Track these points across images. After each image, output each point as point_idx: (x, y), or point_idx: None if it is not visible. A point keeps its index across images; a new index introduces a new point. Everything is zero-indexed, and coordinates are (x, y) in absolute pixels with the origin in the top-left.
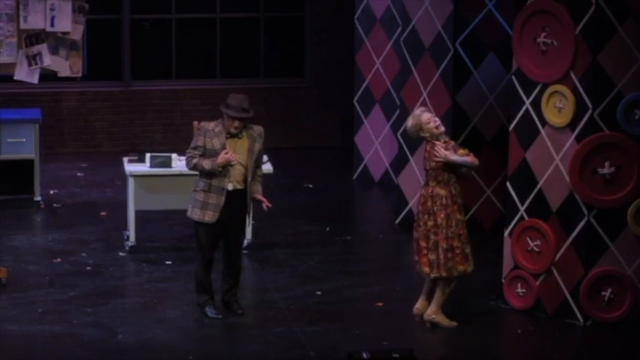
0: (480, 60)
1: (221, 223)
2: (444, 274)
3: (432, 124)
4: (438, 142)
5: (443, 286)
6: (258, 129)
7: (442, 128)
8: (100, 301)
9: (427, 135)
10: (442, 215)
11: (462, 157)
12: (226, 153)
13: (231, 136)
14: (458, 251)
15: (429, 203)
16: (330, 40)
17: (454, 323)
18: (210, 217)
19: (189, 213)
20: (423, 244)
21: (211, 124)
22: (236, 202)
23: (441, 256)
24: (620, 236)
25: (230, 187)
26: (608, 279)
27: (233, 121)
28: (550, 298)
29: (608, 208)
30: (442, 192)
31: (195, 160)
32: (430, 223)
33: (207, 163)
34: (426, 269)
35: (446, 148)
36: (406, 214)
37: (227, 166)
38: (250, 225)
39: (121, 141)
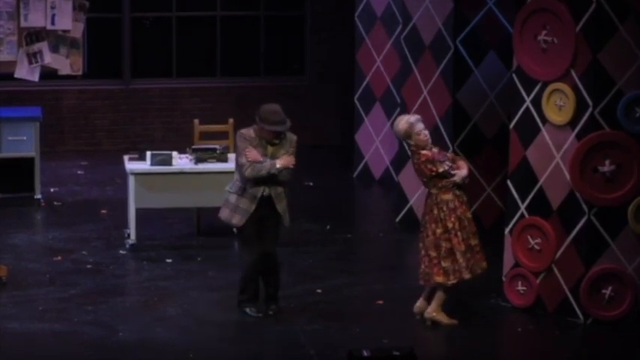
0: (481, 58)
1: (255, 224)
2: (467, 276)
3: (422, 137)
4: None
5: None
6: (290, 136)
7: (429, 141)
8: (101, 299)
9: (412, 143)
10: (452, 219)
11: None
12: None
13: (270, 144)
14: (477, 248)
15: (436, 211)
16: (331, 38)
17: (454, 321)
18: (237, 220)
19: (219, 212)
20: (433, 253)
21: (251, 133)
22: (268, 207)
23: (461, 260)
24: (620, 234)
25: (264, 193)
26: (608, 277)
27: (276, 134)
28: (550, 296)
29: (608, 207)
30: (447, 197)
31: (258, 166)
32: (439, 231)
33: (267, 167)
34: (440, 278)
35: (433, 155)
36: (406, 213)
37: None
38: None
39: (122, 139)
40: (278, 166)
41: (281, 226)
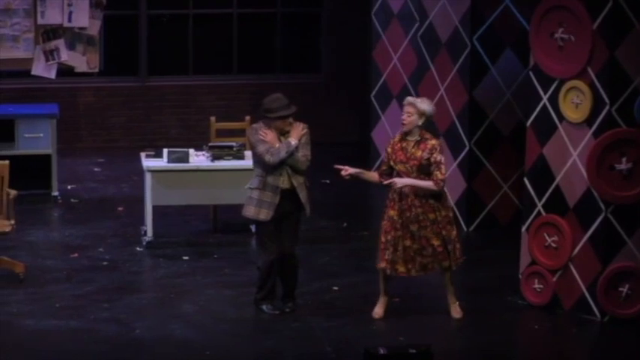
0: (497, 55)
1: (276, 221)
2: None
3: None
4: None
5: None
6: (297, 124)
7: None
8: (117, 296)
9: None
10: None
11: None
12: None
13: (282, 134)
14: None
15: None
16: (347, 35)
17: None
18: (264, 215)
19: (243, 211)
20: (436, 243)
21: (262, 127)
22: (289, 201)
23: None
24: (637, 232)
25: (284, 184)
26: (625, 275)
27: (286, 120)
28: (567, 294)
29: (625, 204)
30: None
31: (274, 150)
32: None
33: (283, 147)
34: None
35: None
36: None
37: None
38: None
39: (138, 136)
40: (293, 142)
41: (301, 224)
